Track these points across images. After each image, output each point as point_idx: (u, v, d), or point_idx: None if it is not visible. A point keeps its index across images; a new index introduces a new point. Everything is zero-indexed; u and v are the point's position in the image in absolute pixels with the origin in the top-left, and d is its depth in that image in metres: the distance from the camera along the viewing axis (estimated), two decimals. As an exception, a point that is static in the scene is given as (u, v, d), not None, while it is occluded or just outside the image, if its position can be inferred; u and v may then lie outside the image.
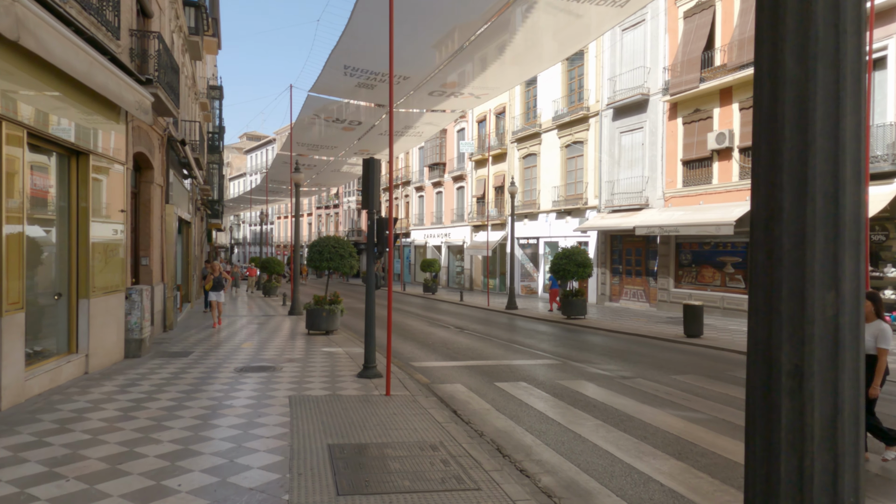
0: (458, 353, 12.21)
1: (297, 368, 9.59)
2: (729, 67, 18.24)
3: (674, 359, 11.56)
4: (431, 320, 18.91)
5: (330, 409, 6.98)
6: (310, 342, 12.79)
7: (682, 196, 20.45)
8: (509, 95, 31.39)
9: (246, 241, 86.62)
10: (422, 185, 43.06)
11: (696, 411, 7.46)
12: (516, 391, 8.51)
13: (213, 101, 33.02)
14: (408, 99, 16.28)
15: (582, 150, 25.77)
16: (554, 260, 19.15)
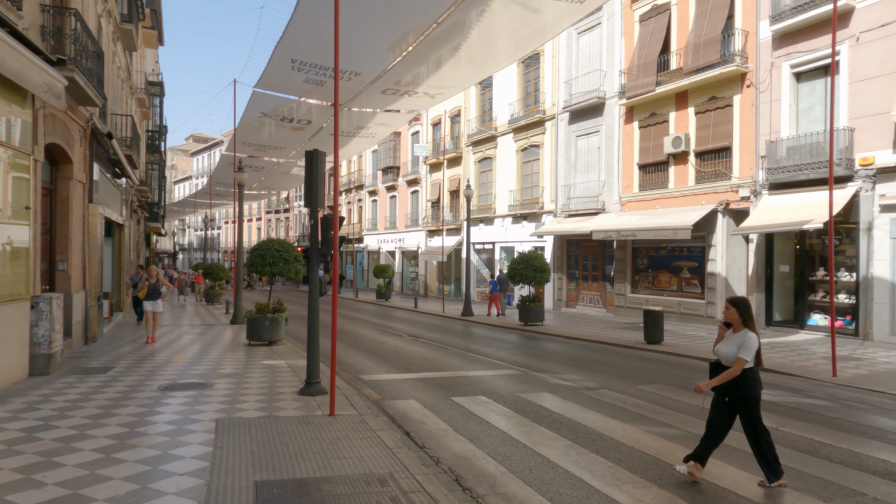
0: (411, 363, 11.39)
1: (232, 385, 8.57)
2: (685, 71, 18.15)
3: (637, 367, 11.07)
4: (384, 328, 18.02)
5: (263, 434, 6.05)
6: (250, 354, 11.72)
7: (639, 200, 20.28)
8: (464, 98, 30.87)
9: (192, 246, 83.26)
10: (375, 188, 42.06)
11: (670, 426, 6.89)
12: (475, 407, 7.77)
13: (152, 97, 31.19)
14: (359, 97, 15.37)
15: (538, 153, 25.44)
16: (511, 265, 18.59)
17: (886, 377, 9.69)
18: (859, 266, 14.24)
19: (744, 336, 4.88)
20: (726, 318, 5.03)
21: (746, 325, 4.94)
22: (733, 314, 4.96)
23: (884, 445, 6.14)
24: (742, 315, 4.94)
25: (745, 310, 4.96)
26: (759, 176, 16.45)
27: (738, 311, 4.95)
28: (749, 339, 4.84)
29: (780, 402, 8.10)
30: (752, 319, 4.96)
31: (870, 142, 13.94)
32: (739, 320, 4.95)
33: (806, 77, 15.70)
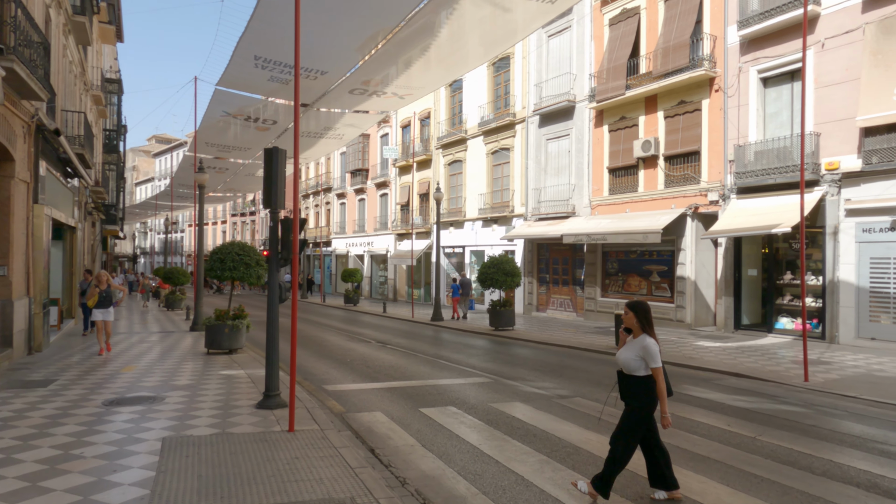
0: (379, 372, 10.94)
1: (184, 398, 8.01)
2: (654, 75, 18.17)
3: (610, 373, 10.84)
4: (351, 334, 17.51)
5: (214, 454, 5.55)
6: (207, 364, 11.11)
7: (609, 204, 20.23)
8: (434, 100, 30.56)
9: (154, 250, 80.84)
10: (343, 191, 41.39)
11: (647, 437, 6.61)
12: (445, 419, 7.38)
13: (110, 95, 30.00)
14: (326, 97, 14.87)
15: (508, 156, 25.26)
16: (481, 269, 18.30)
17: (857, 381, 9.66)
18: (825, 270, 14.36)
19: (642, 341, 4.60)
20: (625, 323, 4.75)
21: (645, 331, 4.65)
22: (631, 319, 4.69)
23: (863, 455, 5.98)
24: (640, 320, 4.66)
25: (643, 314, 4.68)
26: (727, 180, 16.52)
27: (637, 316, 4.67)
28: (648, 344, 4.56)
29: (756, 410, 7.93)
30: (650, 324, 4.68)
31: (835, 147, 14.08)
32: (638, 325, 4.67)
33: (773, 82, 15.83)
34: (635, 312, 4.70)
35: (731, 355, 12.46)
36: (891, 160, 12.92)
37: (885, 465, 5.67)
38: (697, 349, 13.41)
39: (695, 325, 17.49)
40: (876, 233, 13.42)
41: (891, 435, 6.72)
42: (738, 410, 7.90)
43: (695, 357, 12.23)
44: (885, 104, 12.86)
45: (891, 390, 8.97)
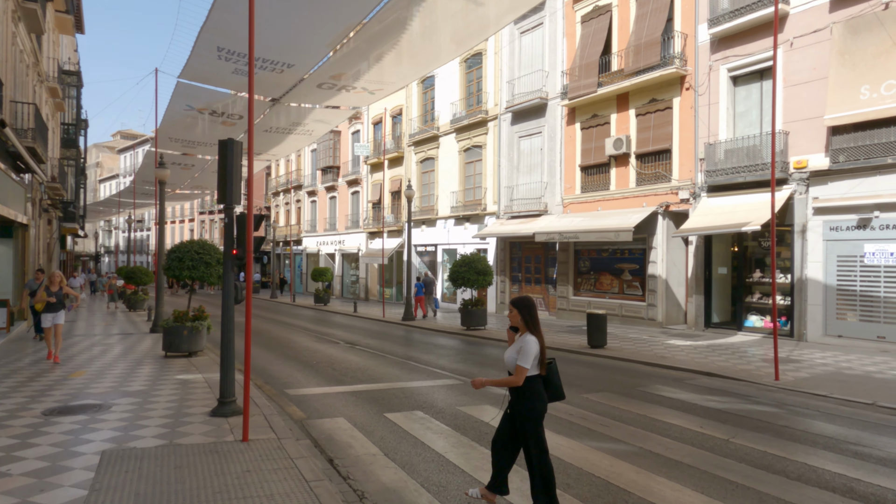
0: (345, 374, 10.56)
1: (134, 406, 7.52)
2: (626, 73, 18.10)
3: (582, 374, 10.66)
4: (320, 335, 17.05)
5: (157, 469, 5.13)
6: (164, 367, 10.58)
7: (581, 202, 20.13)
8: (406, 96, 30.16)
9: (119, 249, 78.58)
10: (314, 189, 40.68)
11: (619, 441, 6.40)
12: (411, 424, 7.06)
13: (68, 87, 28.85)
14: (294, 92, 14.38)
15: (481, 154, 25.02)
16: (453, 267, 18.01)
17: (827, 380, 9.64)
18: (794, 268, 14.44)
19: (523, 340, 4.31)
20: (511, 321, 4.45)
21: (528, 328, 4.36)
22: (516, 316, 4.39)
23: (837, 457, 5.84)
24: (524, 317, 4.37)
25: (527, 311, 4.38)
26: (698, 178, 16.53)
27: (521, 313, 4.37)
28: (527, 343, 4.27)
29: (728, 410, 7.79)
30: (535, 321, 4.38)
31: (803, 145, 14.16)
32: (522, 323, 4.37)
33: (742, 81, 15.88)
34: (519, 309, 4.40)
35: (703, 354, 12.41)
36: (857, 159, 13.02)
37: (860, 467, 5.54)
38: (669, 348, 13.33)
39: (666, 323, 17.49)
40: (843, 231, 13.52)
41: (863, 435, 6.63)
42: (710, 411, 7.75)
43: (667, 356, 12.13)
44: (851, 103, 12.95)
45: (860, 389, 8.95)
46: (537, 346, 4.27)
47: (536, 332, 4.33)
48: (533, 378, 4.31)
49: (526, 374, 4.24)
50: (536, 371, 4.32)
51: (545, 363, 4.36)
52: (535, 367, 4.29)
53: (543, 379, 4.39)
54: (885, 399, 8.24)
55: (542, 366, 4.34)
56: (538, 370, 4.33)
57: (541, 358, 4.31)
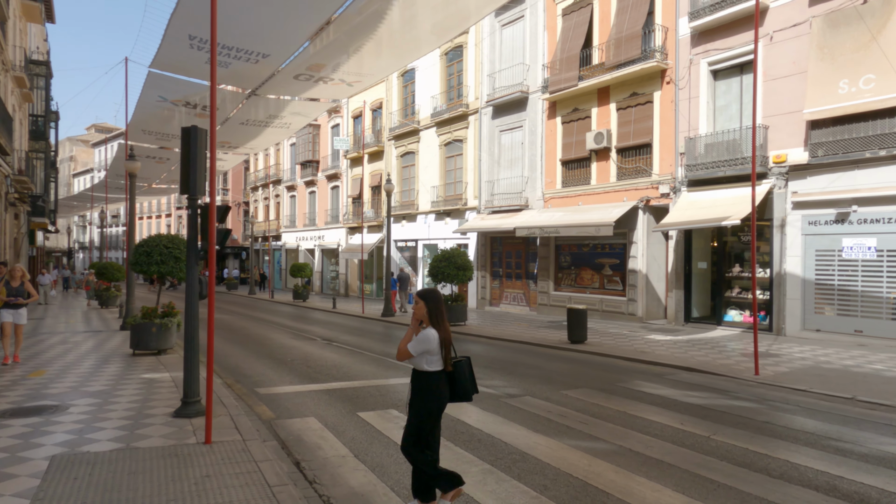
0: (320, 372, 10.27)
1: (93, 407, 7.16)
2: (606, 66, 17.97)
3: (562, 369, 10.49)
4: (297, 332, 16.70)
5: (109, 475, 4.82)
6: (130, 366, 10.19)
7: (562, 197, 20.00)
8: (386, 90, 29.79)
9: (94, 244, 76.92)
10: (293, 184, 40.09)
11: (598, 439, 6.22)
12: (384, 424, 6.81)
13: (36, 78, 27.97)
14: (270, 83, 13.96)
15: (461, 148, 24.76)
16: (432, 263, 17.76)
17: (806, 374, 9.59)
18: (773, 262, 14.45)
19: (423, 333, 4.15)
20: (416, 314, 4.26)
21: (432, 323, 4.17)
22: (422, 309, 4.20)
23: (819, 454, 5.72)
24: (430, 310, 4.20)
25: (434, 304, 4.21)
26: (678, 173, 16.47)
27: (427, 306, 4.20)
28: (426, 333, 4.11)
29: (709, 406, 7.67)
30: (441, 316, 4.20)
31: (783, 140, 14.14)
32: (426, 315, 4.19)
33: (722, 75, 15.83)
34: (426, 301, 4.22)
35: (683, 349, 12.33)
36: (835, 153, 13.02)
37: (842, 464, 5.42)
38: (649, 343, 13.24)
39: (646, 318, 17.45)
40: (821, 225, 13.53)
41: (844, 430, 6.53)
42: (690, 407, 7.62)
43: (647, 351, 12.02)
44: (830, 97, 12.95)
45: (839, 383, 8.90)
46: (436, 340, 4.13)
47: (440, 327, 4.18)
48: (431, 374, 4.17)
49: (408, 357, 4.17)
50: (437, 367, 4.17)
51: (450, 360, 4.21)
52: (434, 362, 4.16)
53: (450, 377, 4.26)
54: (864, 393, 8.18)
55: (447, 362, 4.20)
56: (439, 366, 4.18)
57: (444, 354, 4.18)
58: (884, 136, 12.29)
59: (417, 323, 4.26)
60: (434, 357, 4.17)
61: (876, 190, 12.50)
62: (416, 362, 4.20)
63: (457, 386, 4.29)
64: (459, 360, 4.32)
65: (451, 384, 4.29)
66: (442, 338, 4.14)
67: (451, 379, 4.28)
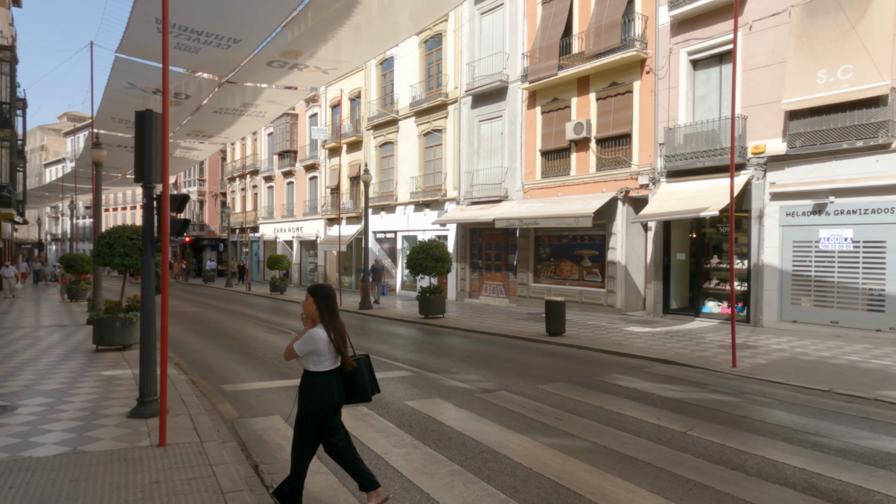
0: (291, 367, 9.95)
1: (44, 406, 6.79)
2: (586, 55, 17.75)
3: (539, 363, 10.31)
4: (271, 325, 16.33)
5: (49, 483, 4.49)
6: (91, 362, 9.78)
7: (542, 188, 19.81)
8: (365, 79, 29.29)
9: (67, 236, 75.15)
10: (271, 174, 39.41)
11: (572, 436, 6.03)
12: (353, 422, 6.54)
13: (1, 63, 26.97)
14: (243, 69, 13.48)
15: (441, 138, 24.43)
16: (410, 254, 17.48)
17: (783, 366, 9.52)
18: (751, 253, 14.41)
19: (309, 332, 3.94)
20: (305, 310, 4.05)
21: (322, 320, 3.97)
22: (311, 306, 4.01)
23: (796, 450, 5.59)
24: (319, 306, 3.99)
25: (323, 301, 4.00)
26: (657, 163, 16.35)
27: (316, 302, 4.00)
28: (311, 333, 3.90)
29: (686, 400, 7.53)
30: (331, 313, 3.98)
31: (761, 130, 14.07)
32: (317, 312, 3.99)
33: (702, 64, 15.71)
34: (315, 298, 4.01)
35: (661, 341, 12.23)
36: (813, 144, 12.97)
37: (820, 460, 5.29)
38: (627, 335, 13.13)
39: (625, 309, 17.37)
40: (799, 216, 13.51)
41: (821, 425, 6.42)
42: (667, 401, 7.47)
43: (624, 343, 11.90)
44: (809, 87, 12.88)
45: (816, 375, 8.84)
46: (323, 340, 3.92)
47: (330, 325, 3.95)
48: (315, 375, 3.96)
49: (294, 357, 3.95)
50: (324, 368, 3.96)
51: (348, 358, 4.02)
52: (322, 363, 3.95)
53: (347, 377, 4.07)
54: (841, 385, 8.11)
55: (345, 362, 4.01)
56: (328, 367, 3.96)
57: (339, 353, 3.99)
58: (861, 127, 12.26)
59: (307, 321, 4.04)
60: (322, 357, 3.95)
61: (853, 181, 12.48)
62: (303, 362, 3.98)
63: (354, 386, 4.09)
64: (357, 359, 4.11)
65: (349, 384, 4.08)
66: (332, 337, 3.93)
67: (348, 379, 4.08)
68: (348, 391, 4.10)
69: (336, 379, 4.02)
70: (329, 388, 3.97)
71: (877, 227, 12.36)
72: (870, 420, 6.60)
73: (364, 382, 4.11)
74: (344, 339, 4.01)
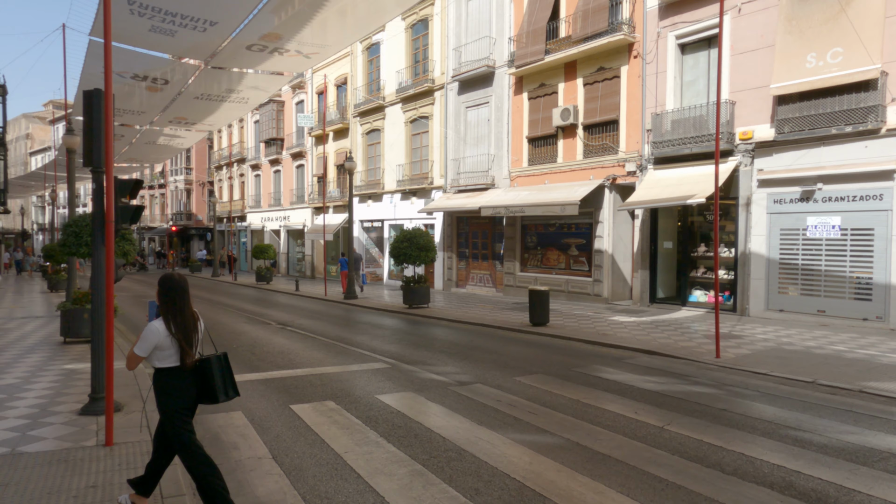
0: (263, 360, 9.66)
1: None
2: (573, 39, 17.38)
3: (519, 353, 10.06)
4: (252, 315, 16.01)
5: (-24, 488, 4.18)
6: (55, 355, 9.44)
7: (528, 175, 19.49)
8: (351, 65, 28.77)
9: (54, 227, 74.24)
10: (258, 162, 38.86)
11: (545, 432, 5.77)
12: (316, 418, 6.26)
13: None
14: (222, 54, 13.02)
15: (427, 125, 24.02)
16: (393, 243, 17.15)
17: (767, 356, 9.31)
18: (738, 242, 14.19)
19: (147, 327, 3.70)
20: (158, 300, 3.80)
21: (164, 312, 3.71)
22: (157, 296, 3.77)
23: (776, 445, 5.35)
24: (160, 298, 3.74)
25: (164, 291, 3.73)
26: (644, 150, 16.06)
27: (158, 292, 3.77)
28: (148, 328, 3.65)
29: (665, 392, 7.29)
30: (176, 305, 3.71)
31: (750, 116, 13.79)
32: (160, 305, 3.74)
33: (690, 49, 15.38)
34: (159, 288, 3.75)
35: (645, 331, 12.00)
36: (802, 129, 12.71)
37: (800, 456, 5.05)
38: (612, 325, 12.90)
39: (612, 299, 17.15)
40: (786, 203, 13.27)
41: (803, 418, 6.20)
42: (647, 394, 7.23)
43: (608, 334, 11.67)
44: (798, 71, 12.59)
45: (800, 366, 8.63)
46: (161, 334, 3.64)
47: (172, 319, 3.67)
48: (163, 371, 3.70)
49: (139, 362, 3.69)
50: (171, 364, 3.69)
51: (189, 354, 3.70)
52: (167, 358, 3.68)
53: (199, 376, 3.80)
54: (825, 376, 7.90)
55: (185, 359, 3.69)
56: (174, 363, 3.69)
57: (181, 350, 3.69)
58: (850, 112, 12.00)
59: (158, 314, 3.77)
60: (165, 352, 3.67)
61: (841, 167, 12.24)
62: (150, 359, 3.72)
63: (204, 386, 3.81)
64: (207, 359, 3.82)
65: (199, 383, 3.82)
66: (173, 331, 3.65)
67: (198, 377, 3.81)
68: (201, 390, 3.83)
69: (186, 376, 3.74)
70: (182, 385, 3.71)
71: (865, 215, 12.14)
72: (853, 413, 6.38)
73: (215, 383, 3.79)
74: (188, 333, 3.71)
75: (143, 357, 3.66)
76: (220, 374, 3.83)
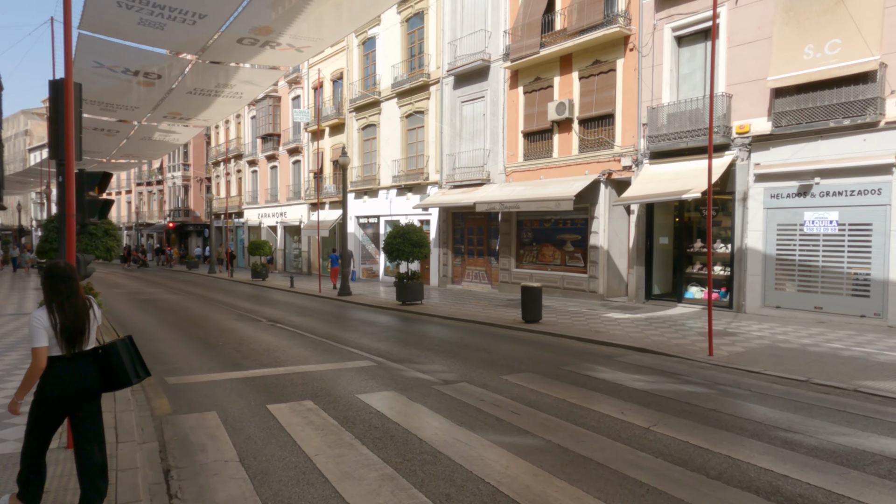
0: (247, 357, 9.47)
1: (-39, 404, 6.29)
2: (569, 32, 17.13)
3: (509, 351, 9.86)
4: (243, 312, 15.82)
5: (-77, 493, 4.00)
6: (35, 354, 9.25)
7: (524, 170, 19.27)
8: (347, 59, 28.53)
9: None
10: (255, 158, 38.65)
11: (526, 433, 5.58)
12: (292, 418, 6.07)
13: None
14: (212, 47, 12.79)
15: (423, 120, 23.80)
16: (386, 239, 16.95)
17: (761, 354, 9.11)
18: (734, 237, 13.97)
19: (29, 316, 3.54)
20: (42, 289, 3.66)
21: (47, 300, 3.55)
22: (41, 283, 3.64)
23: (765, 447, 5.15)
24: (42, 285, 3.60)
25: (48, 280, 3.57)
26: (640, 144, 15.83)
27: (41, 281, 3.62)
28: (31, 317, 3.49)
29: (655, 392, 7.09)
30: (53, 292, 3.54)
31: (746, 109, 13.55)
32: (44, 292, 3.58)
33: (687, 41, 15.13)
34: (43, 275, 3.61)
35: (639, 328, 11.80)
36: (799, 123, 12.48)
37: (788, 459, 4.85)
38: (606, 322, 12.70)
39: (607, 295, 16.95)
40: (783, 198, 13.05)
41: (794, 418, 6.00)
42: (636, 393, 7.03)
43: (601, 331, 11.47)
44: (795, 64, 12.35)
45: (794, 364, 8.43)
46: (42, 321, 3.48)
47: (59, 307, 3.50)
48: (50, 360, 3.52)
49: (44, 352, 3.48)
50: (56, 353, 3.52)
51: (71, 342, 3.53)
52: (52, 347, 3.51)
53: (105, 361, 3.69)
54: (819, 375, 7.70)
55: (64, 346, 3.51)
56: (57, 351, 3.52)
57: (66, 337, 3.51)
58: (848, 105, 11.76)
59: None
60: (51, 342, 3.51)
61: (839, 161, 12.01)
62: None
63: (113, 371, 3.71)
64: (112, 344, 3.73)
65: (108, 369, 3.71)
66: (56, 320, 3.49)
67: (106, 363, 3.70)
68: (105, 378, 3.71)
69: (76, 365, 3.57)
70: (63, 374, 3.52)
71: (863, 210, 11.91)
72: (846, 413, 6.18)
73: (123, 366, 3.72)
74: (76, 320, 3.54)
75: (44, 345, 3.47)
76: (129, 357, 3.76)
